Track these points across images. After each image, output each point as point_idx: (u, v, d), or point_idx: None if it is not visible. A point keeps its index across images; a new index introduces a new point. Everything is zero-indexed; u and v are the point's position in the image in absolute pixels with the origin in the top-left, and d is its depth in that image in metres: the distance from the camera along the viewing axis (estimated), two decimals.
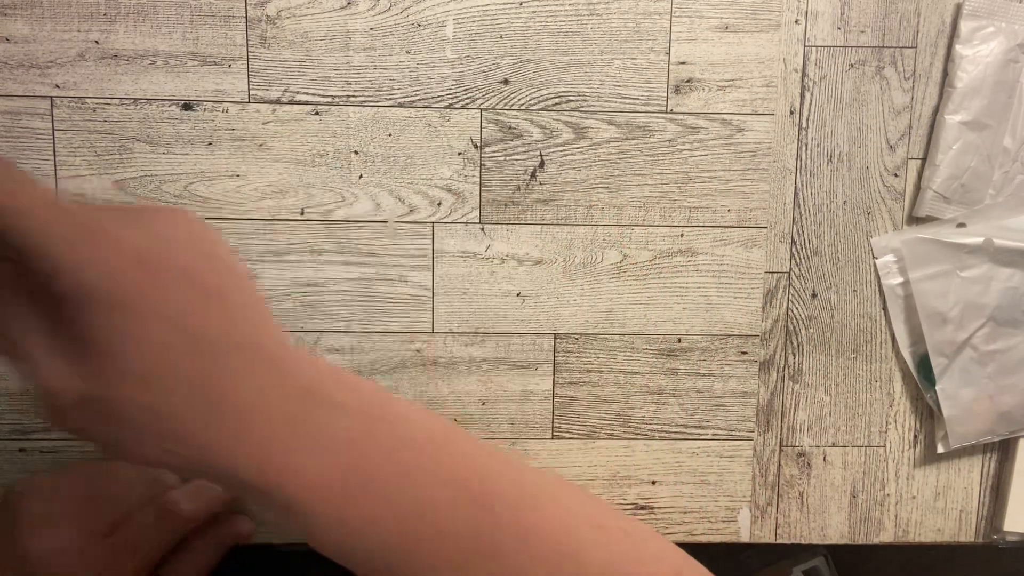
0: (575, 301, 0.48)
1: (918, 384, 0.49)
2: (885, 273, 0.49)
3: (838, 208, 0.48)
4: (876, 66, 0.47)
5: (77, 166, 0.45)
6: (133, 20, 0.45)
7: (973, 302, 0.48)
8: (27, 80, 0.45)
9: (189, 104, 0.45)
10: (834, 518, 0.51)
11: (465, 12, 0.46)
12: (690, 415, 0.49)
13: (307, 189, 0.46)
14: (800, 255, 0.49)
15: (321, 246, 0.47)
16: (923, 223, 0.49)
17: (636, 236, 0.48)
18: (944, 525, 0.51)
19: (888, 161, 0.48)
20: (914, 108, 0.48)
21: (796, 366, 0.49)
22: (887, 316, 0.49)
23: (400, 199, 0.47)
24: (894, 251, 0.48)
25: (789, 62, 0.47)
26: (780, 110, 0.48)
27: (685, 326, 0.49)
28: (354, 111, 0.46)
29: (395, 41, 0.46)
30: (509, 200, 0.47)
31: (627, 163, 0.47)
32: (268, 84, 0.45)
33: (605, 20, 0.46)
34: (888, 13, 0.47)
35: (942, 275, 0.48)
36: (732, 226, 0.48)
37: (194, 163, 0.46)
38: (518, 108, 0.46)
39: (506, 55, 0.46)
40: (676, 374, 0.49)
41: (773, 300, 0.49)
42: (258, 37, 0.45)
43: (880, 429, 0.50)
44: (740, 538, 0.51)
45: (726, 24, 0.47)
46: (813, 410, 0.50)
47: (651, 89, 0.47)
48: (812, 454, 0.50)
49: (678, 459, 0.50)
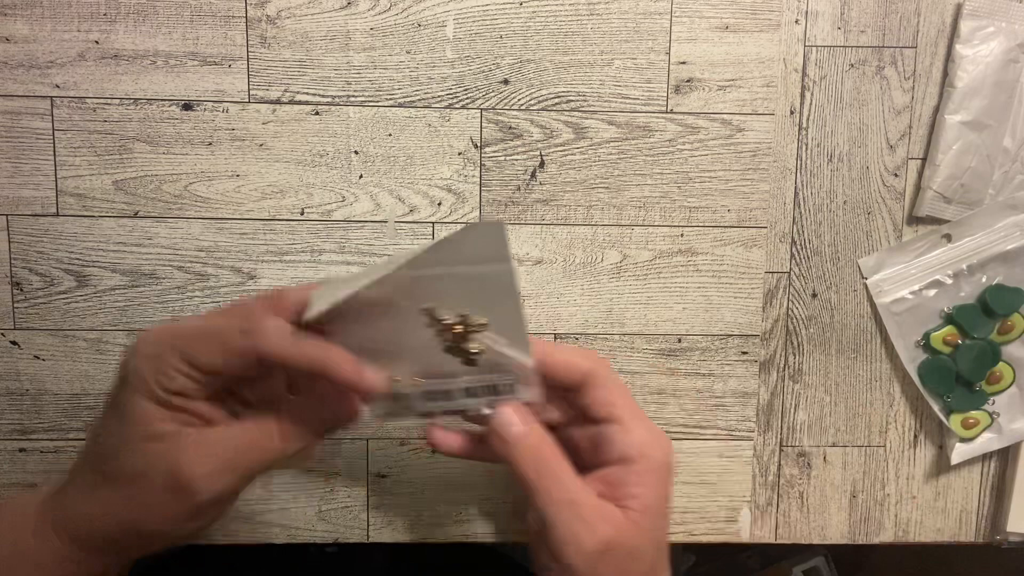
0: (575, 301, 0.48)
1: (922, 392, 0.49)
2: (876, 292, 0.49)
3: (838, 208, 0.48)
4: (876, 66, 0.47)
5: (77, 166, 0.45)
6: (133, 20, 0.45)
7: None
8: (27, 80, 0.45)
9: (189, 104, 0.45)
10: (834, 518, 0.51)
11: (465, 12, 0.46)
12: (690, 415, 0.49)
13: (307, 189, 0.46)
14: (800, 255, 0.49)
15: (321, 246, 0.47)
16: (920, 222, 0.49)
17: (636, 236, 0.48)
18: (944, 525, 0.51)
19: (888, 161, 0.48)
20: (914, 108, 0.48)
21: (796, 366, 0.49)
22: (884, 332, 0.49)
23: (400, 199, 0.47)
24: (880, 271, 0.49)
25: (789, 62, 0.47)
26: (780, 110, 0.48)
27: (685, 326, 0.49)
28: (354, 111, 0.46)
29: (395, 41, 0.46)
30: (509, 200, 0.47)
31: (627, 163, 0.47)
32: (268, 84, 0.45)
33: (605, 20, 0.46)
34: (888, 13, 0.47)
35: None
36: (732, 226, 0.48)
37: (194, 163, 0.46)
38: (518, 108, 0.46)
39: (506, 55, 0.46)
40: (676, 374, 0.49)
41: (773, 300, 0.49)
42: (258, 37, 0.45)
43: (880, 429, 0.50)
44: (740, 538, 0.50)
45: (726, 24, 0.47)
46: (813, 410, 0.50)
47: (651, 89, 0.47)
48: (812, 454, 0.50)
49: (678, 459, 0.50)
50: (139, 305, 0.46)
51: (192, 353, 0.34)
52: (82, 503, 0.36)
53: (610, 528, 0.36)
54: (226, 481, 0.35)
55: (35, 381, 0.47)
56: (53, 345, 0.46)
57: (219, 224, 0.46)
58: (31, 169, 0.45)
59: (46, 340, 0.46)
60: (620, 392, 0.38)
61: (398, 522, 0.49)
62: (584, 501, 0.36)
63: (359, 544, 0.49)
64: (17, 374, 0.46)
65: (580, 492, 0.36)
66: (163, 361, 0.34)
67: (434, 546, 0.50)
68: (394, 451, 0.48)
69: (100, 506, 0.36)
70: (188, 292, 0.46)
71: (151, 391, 0.34)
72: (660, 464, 0.38)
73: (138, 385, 0.34)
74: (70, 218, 0.46)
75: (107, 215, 0.46)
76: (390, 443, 0.48)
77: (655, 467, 0.37)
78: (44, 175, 0.45)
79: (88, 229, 0.46)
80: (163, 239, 0.46)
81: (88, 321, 0.46)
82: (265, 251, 0.47)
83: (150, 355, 0.35)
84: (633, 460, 0.37)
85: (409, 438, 0.48)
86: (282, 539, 0.49)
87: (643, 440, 0.37)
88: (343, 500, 0.49)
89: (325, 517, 0.49)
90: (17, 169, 0.45)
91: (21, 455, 0.47)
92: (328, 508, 0.48)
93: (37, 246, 0.46)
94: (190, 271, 0.46)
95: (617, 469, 0.37)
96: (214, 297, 0.47)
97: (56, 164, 0.45)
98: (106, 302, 0.46)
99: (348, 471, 0.48)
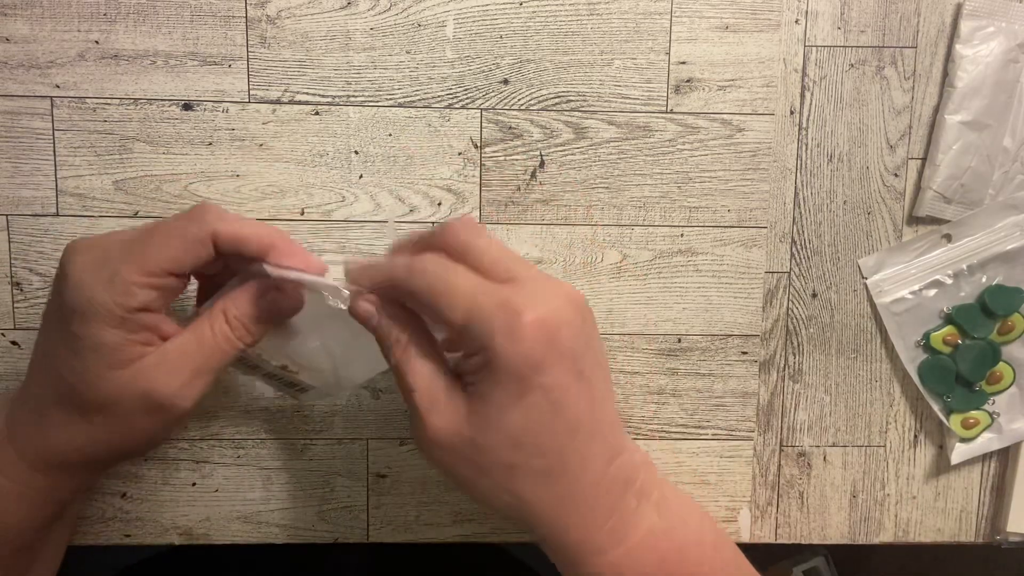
0: None
1: (922, 392, 0.49)
2: (876, 292, 0.49)
3: (838, 208, 0.48)
4: (876, 66, 0.47)
5: (77, 166, 0.45)
6: (133, 20, 0.45)
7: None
8: (27, 80, 0.45)
9: (189, 104, 0.45)
10: (834, 518, 0.51)
11: (465, 12, 0.46)
12: (690, 415, 0.49)
13: (307, 189, 0.46)
14: (800, 255, 0.49)
15: (321, 246, 0.47)
16: (920, 222, 0.49)
17: (636, 236, 0.48)
18: (944, 525, 0.51)
19: (888, 161, 0.48)
20: (914, 108, 0.48)
21: (796, 366, 0.49)
22: (884, 332, 0.49)
23: (400, 199, 0.47)
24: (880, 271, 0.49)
25: (789, 62, 0.47)
26: (780, 110, 0.48)
27: (685, 326, 0.49)
28: (354, 111, 0.46)
29: (395, 41, 0.46)
30: (509, 200, 0.47)
31: (627, 163, 0.47)
32: (268, 84, 0.45)
33: (605, 20, 0.46)
34: (888, 13, 0.47)
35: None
36: (732, 226, 0.48)
37: (194, 163, 0.46)
38: (518, 108, 0.46)
39: (506, 55, 0.46)
40: (676, 374, 0.49)
41: (773, 300, 0.49)
42: (258, 37, 0.45)
43: (880, 429, 0.50)
44: (740, 538, 0.50)
45: (726, 24, 0.47)
46: (813, 410, 0.50)
47: (651, 89, 0.47)
48: (812, 454, 0.50)
49: (678, 459, 0.50)
50: None
51: (150, 259, 0.34)
52: (56, 437, 0.36)
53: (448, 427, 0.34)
54: (198, 387, 0.36)
55: None
56: None
57: None
58: (31, 169, 0.45)
59: None
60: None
61: (398, 522, 0.49)
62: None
63: (359, 544, 0.49)
64: (17, 374, 0.46)
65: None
66: (120, 279, 0.34)
67: (434, 546, 0.50)
68: (394, 451, 0.48)
69: (79, 437, 0.36)
70: (188, 292, 0.46)
71: (112, 316, 0.34)
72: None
73: (97, 313, 0.34)
74: (70, 218, 0.46)
75: (107, 215, 0.46)
76: (390, 443, 0.48)
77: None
78: (44, 175, 0.45)
79: (88, 229, 0.46)
80: None
81: None
82: None
83: (103, 277, 0.34)
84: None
85: (409, 438, 0.48)
86: (282, 539, 0.49)
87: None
88: (343, 500, 0.49)
89: (325, 517, 0.49)
90: (17, 169, 0.45)
91: None
92: (328, 508, 0.48)
93: (37, 246, 0.46)
94: None
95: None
96: None
97: (56, 164, 0.45)
98: None
99: (348, 471, 0.48)
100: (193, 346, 0.36)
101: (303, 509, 0.48)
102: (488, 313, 0.32)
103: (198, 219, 0.35)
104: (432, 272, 0.34)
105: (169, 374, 0.35)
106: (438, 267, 0.34)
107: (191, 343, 0.36)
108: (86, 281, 0.34)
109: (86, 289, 0.34)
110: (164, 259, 0.34)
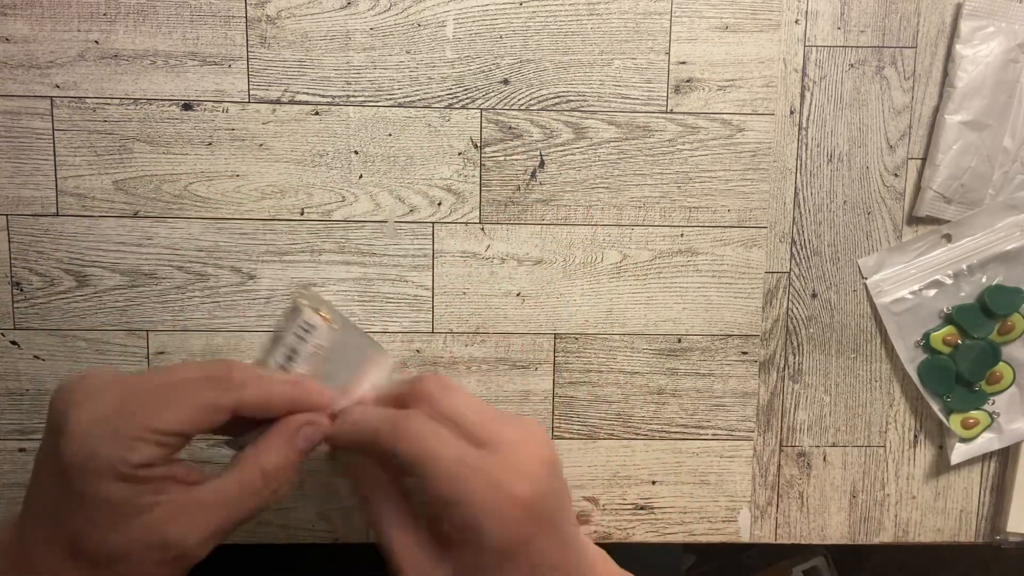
0: (575, 301, 0.48)
1: (922, 392, 0.49)
2: (876, 292, 0.49)
3: (838, 208, 0.48)
4: (876, 66, 0.47)
5: (77, 166, 0.45)
6: (133, 20, 0.45)
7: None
8: (27, 80, 0.45)
9: (189, 104, 0.45)
10: (834, 518, 0.51)
11: (465, 12, 0.46)
12: (690, 415, 0.49)
13: (307, 189, 0.46)
14: (800, 255, 0.49)
15: (321, 246, 0.47)
16: (920, 222, 0.49)
17: (636, 236, 0.48)
18: (944, 525, 0.51)
19: (888, 161, 0.48)
20: (914, 108, 0.48)
21: (796, 366, 0.49)
22: (884, 332, 0.49)
23: (400, 199, 0.47)
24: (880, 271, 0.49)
25: (789, 62, 0.47)
26: (780, 110, 0.48)
27: (685, 326, 0.49)
28: (354, 111, 0.46)
29: (395, 41, 0.46)
30: (509, 200, 0.47)
31: (627, 163, 0.47)
32: (268, 84, 0.45)
33: (605, 20, 0.46)
34: (888, 13, 0.47)
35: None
36: (732, 226, 0.48)
37: (194, 163, 0.46)
38: (518, 108, 0.46)
39: (506, 55, 0.46)
40: (676, 374, 0.49)
41: (773, 300, 0.49)
42: (258, 37, 0.45)
43: (880, 429, 0.50)
44: (740, 538, 0.51)
45: (726, 24, 0.47)
46: (813, 410, 0.50)
47: (651, 89, 0.47)
48: (812, 454, 0.50)
49: (678, 459, 0.50)
50: (139, 305, 0.46)
51: (163, 420, 0.32)
52: None
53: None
54: (219, 539, 0.34)
55: (35, 381, 0.47)
56: (53, 345, 0.46)
57: (219, 224, 0.46)
58: (31, 169, 0.45)
59: (46, 340, 0.46)
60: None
61: None
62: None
63: (359, 544, 0.49)
64: (17, 374, 0.46)
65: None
66: (120, 435, 0.32)
67: None
68: None
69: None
70: (188, 292, 0.46)
71: (114, 471, 0.31)
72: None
73: (99, 469, 0.31)
74: (70, 218, 0.46)
75: (107, 215, 0.46)
76: None
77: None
78: (44, 175, 0.45)
79: (88, 229, 0.46)
80: (163, 239, 0.46)
81: (88, 321, 0.46)
82: (265, 251, 0.47)
83: (106, 431, 0.32)
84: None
85: None
86: (282, 539, 0.49)
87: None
88: (343, 500, 0.49)
89: (325, 517, 0.49)
90: (17, 169, 0.45)
91: (21, 455, 0.47)
92: (328, 508, 0.48)
93: (37, 246, 0.46)
94: (190, 271, 0.46)
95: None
96: (214, 297, 0.47)
97: (56, 164, 0.45)
98: (106, 302, 0.46)
99: None
100: (221, 497, 0.34)
101: (303, 509, 0.48)
102: (473, 493, 0.32)
103: (221, 387, 0.33)
104: (416, 436, 0.33)
105: (190, 525, 0.33)
106: (423, 431, 0.34)
107: (219, 494, 0.34)
108: (87, 435, 0.32)
109: (87, 445, 0.32)
110: (176, 422, 0.32)
